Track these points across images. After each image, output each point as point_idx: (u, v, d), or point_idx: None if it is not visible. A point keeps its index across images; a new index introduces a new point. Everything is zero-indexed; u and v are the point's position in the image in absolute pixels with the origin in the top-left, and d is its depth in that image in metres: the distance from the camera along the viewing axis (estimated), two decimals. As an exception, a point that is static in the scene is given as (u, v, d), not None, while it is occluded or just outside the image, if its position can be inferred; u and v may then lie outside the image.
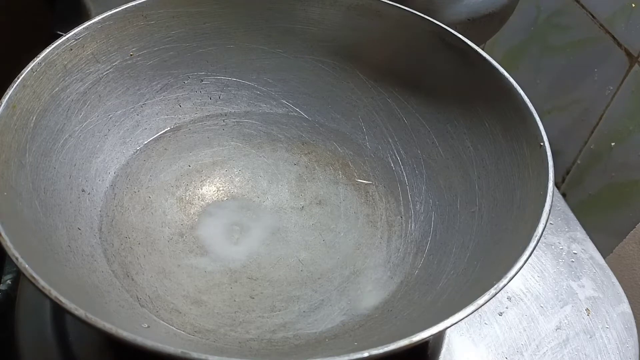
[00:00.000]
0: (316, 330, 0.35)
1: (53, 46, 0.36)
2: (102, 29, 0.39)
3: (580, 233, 0.48)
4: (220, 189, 0.43)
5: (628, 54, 0.52)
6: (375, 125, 0.44)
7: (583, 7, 0.56)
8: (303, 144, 0.45)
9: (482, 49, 0.39)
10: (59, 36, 0.37)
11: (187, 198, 0.41)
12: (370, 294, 0.37)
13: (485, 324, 0.42)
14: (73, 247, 0.34)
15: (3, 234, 0.28)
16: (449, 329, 0.27)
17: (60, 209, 0.35)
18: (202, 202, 0.42)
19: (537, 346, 0.41)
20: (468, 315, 0.27)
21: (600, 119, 0.56)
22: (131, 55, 0.41)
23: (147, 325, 0.33)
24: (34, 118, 0.35)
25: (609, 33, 0.53)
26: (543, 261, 0.46)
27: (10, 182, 0.32)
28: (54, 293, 0.26)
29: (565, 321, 0.42)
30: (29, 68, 0.35)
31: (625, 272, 0.54)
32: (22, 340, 0.38)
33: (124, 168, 0.41)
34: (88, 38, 0.38)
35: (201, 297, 0.36)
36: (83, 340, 0.37)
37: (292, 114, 0.45)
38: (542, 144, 0.34)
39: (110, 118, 0.40)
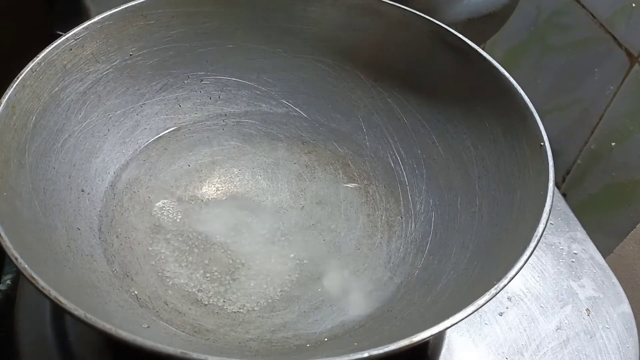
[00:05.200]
0: (316, 330, 0.35)
1: (53, 46, 0.36)
2: (102, 28, 0.39)
3: (581, 233, 0.48)
4: (220, 188, 0.43)
5: (628, 53, 0.52)
6: (375, 125, 0.44)
7: (583, 7, 0.56)
8: (303, 144, 0.45)
9: (482, 49, 0.39)
10: (59, 36, 0.37)
11: (186, 198, 0.41)
12: (371, 294, 0.37)
13: (485, 324, 0.42)
14: (73, 247, 0.34)
15: (3, 234, 0.28)
16: (449, 329, 0.27)
17: (60, 209, 0.35)
18: (201, 202, 0.41)
19: (537, 346, 0.41)
20: (468, 315, 0.27)
21: (601, 119, 0.56)
22: (131, 55, 0.41)
23: (147, 326, 0.33)
24: (34, 118, 0.35)
25: (610, 33, 0.53)
26: (543, 261, 0.46)
27: (10, 182, 0.32)
28: (53, 293, 0.26)
29: (566, 321, 0.42)
30: (29, 68, 0.35)
31: (626, 272, 0.54)
32: (22, 340, 0.38)
33: (123, 168, 0.41)
34: (88, 38, 0.38)
35: (201, 298, 0.36)
36: (83, 340, 0.37)
37: (292, 113, 0.45)
38: (542, 143, 0.34)
39: (110, 118, 0.40)
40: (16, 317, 0.39)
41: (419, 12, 0.41)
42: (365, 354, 0.25)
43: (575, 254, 0.47)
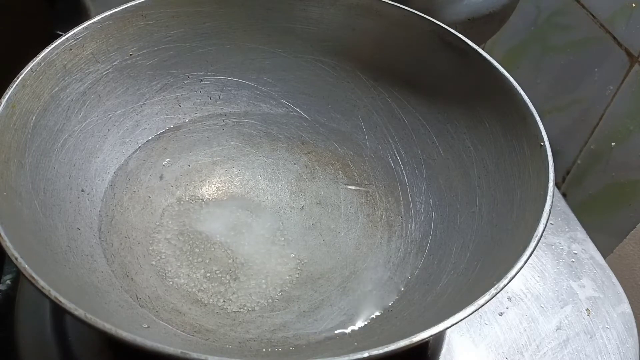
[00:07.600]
0: (316, 330, 0.35)
1: (53, 46, 0.36)
2: (102, 28, 0.39)
3: (581, 233, 0.48)
4: (220, 188, 0.43)
5: (628, 53, 0.52)
6: (375, 125, 0.44)
7: (583, 6, 0.56)
8: (303, 144, 0.45)
9: (482, 49, 0.39)
10: (59, 36, 0.37)
11: (186, 198, 0.41)
12: (371, 294, 0.37)
13: (485, 324, 0.42)
14: (72, 247, 0.34)
15: (3, 234, 0.28)
16: (449, 329, 0.27)
17: (60, 209, 0.35)
18: (201, 202, 0.41)
19: (537, 346, 0.41)
20: (468, 315, 0.27)
21: (601, 119, 0.56)
22: (131, 55, 0.41)
23: (147, 326, 0.33)
24: (34, 118, 0.35)
25: (609, 33, 0.53)
26: (543, 261, 0.46)
27: (10, 182, 0.32)
28: (53, 293, 0.26)
29: (566, 321, 0.42)
30: (29, 68, 0.35)
31: (626, 272, 0.54)
32: (22, 340, 0.38)
33: (123, 168, 0.41)
34: (88, 38, 0.38)
35: (201, 297, 0.36)
36: (83, 340, 0.37)
37: (292, 113, 0.45)
38: (542, 143, 0.34)
39: (110, 118, 0.40)
40: (16, 317, 0.39)
41: (419, 12, 0.41)
42: (365, 354, 0.25)
43: (575, 254, 0.47)
